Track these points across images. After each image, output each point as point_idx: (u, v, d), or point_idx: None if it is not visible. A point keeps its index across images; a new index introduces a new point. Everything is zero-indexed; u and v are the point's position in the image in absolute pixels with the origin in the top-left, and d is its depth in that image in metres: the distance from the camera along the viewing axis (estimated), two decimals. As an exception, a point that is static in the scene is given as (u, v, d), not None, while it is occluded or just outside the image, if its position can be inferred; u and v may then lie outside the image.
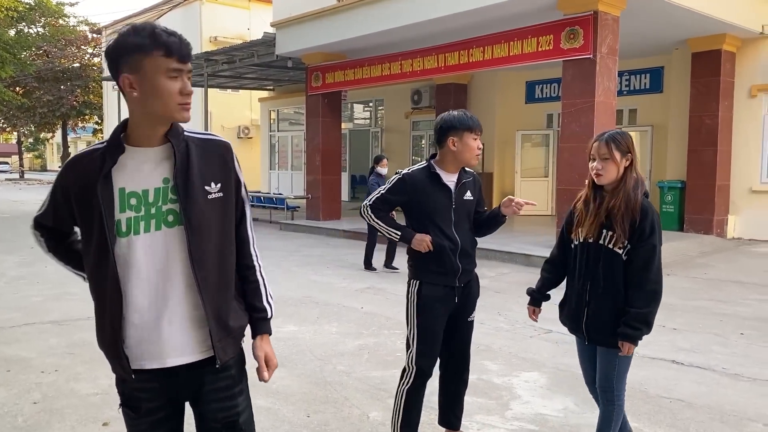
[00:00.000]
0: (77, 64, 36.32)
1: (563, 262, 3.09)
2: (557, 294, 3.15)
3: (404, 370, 3.21)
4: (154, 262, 1.75)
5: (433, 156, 3.24)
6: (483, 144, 3.32)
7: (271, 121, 23.54)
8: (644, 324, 2.77)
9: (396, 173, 3.25)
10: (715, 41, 11.62)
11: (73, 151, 46.00)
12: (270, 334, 1.97)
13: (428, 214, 3.13)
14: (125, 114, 1.79)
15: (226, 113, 25.84)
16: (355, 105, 20.83)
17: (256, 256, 1.98)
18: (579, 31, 9.35)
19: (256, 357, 1.93)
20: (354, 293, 7.44)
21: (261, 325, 1.95)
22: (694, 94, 12.13)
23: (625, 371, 2.93)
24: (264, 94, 23.74)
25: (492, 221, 3.29)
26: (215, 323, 1.80)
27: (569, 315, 3.04)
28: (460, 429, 3.44)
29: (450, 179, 3.17)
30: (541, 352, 5.19)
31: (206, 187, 1.78)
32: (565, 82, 9.75)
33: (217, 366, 1.83)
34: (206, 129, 18.06)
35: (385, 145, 19.25)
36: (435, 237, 3.10)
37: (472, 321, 3.33)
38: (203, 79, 17.52)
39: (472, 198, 3.25)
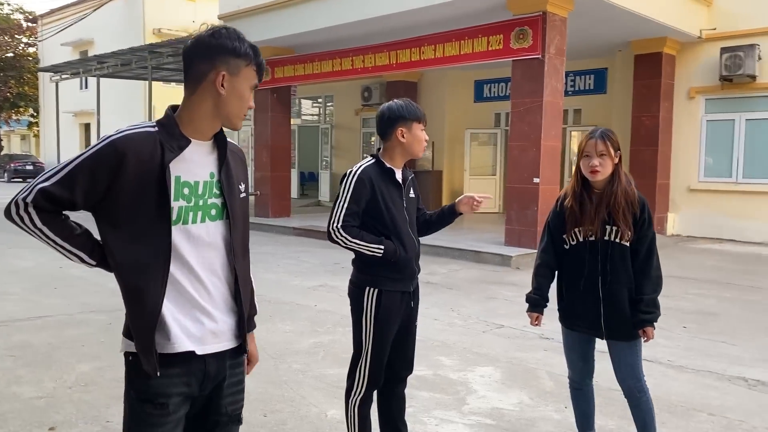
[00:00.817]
0: (11, 54, 34.84)
1: (556, 265, 3.13)
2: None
3: (353, 382, 2.99)
4: (197, 252, 1.80)
5: (377, 151, 3.03)
6: (432, 141, 3.16)
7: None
8: (655, 307, 2.92)
9: (346, 175, 2.92)
10: (656, 44, 12.02)
11: (6, 146, 44.08)
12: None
13: (387, 214, 2.90)
14: (66, 106, 1.72)
15: (170, 107, 25.26)
16: (303, 101, 20.67)
17: None
18: (528, 32, 9.51)
19: None
20: (307, 291, 7.37)
21: (251, 322, 2.02)
22: (636, 96, 12.52)
23: (642, 359, 3.06)
24: (209, 88, 23.27)
25: (444, 219, 3.15)
26: (244, 313, 1.89)
27: (582, 315, 3.05)
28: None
29: (399, 176, 2.98)
30: (494, 347, 5.26)
31: (239, 186, 1.91)
32: (515, 81, 9.91)
33: (245, 355, 1.95)
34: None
35: (335, 142, 19.19)
36: (394, 240, 2.89)
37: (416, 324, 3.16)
38: (147, 72, 17.07)
39: (414, 196, 3.10)
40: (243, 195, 1.93)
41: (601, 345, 3.13)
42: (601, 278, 2.95)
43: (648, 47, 12.14)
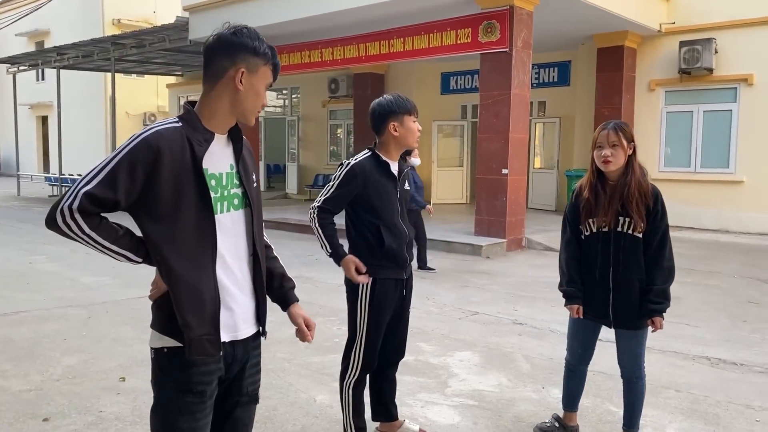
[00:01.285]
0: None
1: (581, 255, 3.17)
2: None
3: (348, 365, 3.13)
4: (226, 240, 1.88)
5: (374, 144, 3.14)
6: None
7: (180, 107, 22.77)
8: (665, 298, 3.00)
9: (342, 164, 3.07)
10: (618, 38, 12.36)
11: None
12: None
13: (379, 205, 3.02)
14: (21, 98, 1.76)
15: (131, 99, 24.83)
16: (269, 92, 20.52)
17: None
18: (496, 25, 9.70)
19: (297, 323, 2.11)
20: (283, 282, 7.43)
21: (293, 294, 2.16)
22: (599, 88, 12.86)
23: (645, 348, 3.19)
24: (172, 79, 22.99)
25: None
26: (263, 297, 2.00)
27: (592, 303, 3.14)
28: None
29: (394, 168, 3.11)
30: (471, 333, 5.43)
31: (252, 176, 2.01)
32: (483, 74, 10.09)
33: (264, 338, 2.04)
34: (112, 116, 17.30)
35: (302, 134, 19.17)
36: (385, 230, 3.02)
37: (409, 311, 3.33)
38: (110, 63, 16.78)
39: (408, 188, 3.26)
40: (255, 185, 2.02)
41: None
42: (612, 268, 3.03)
43: (610, 41, 12.48)
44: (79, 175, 20.65)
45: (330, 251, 3.07)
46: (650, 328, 3.08)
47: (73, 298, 6.51)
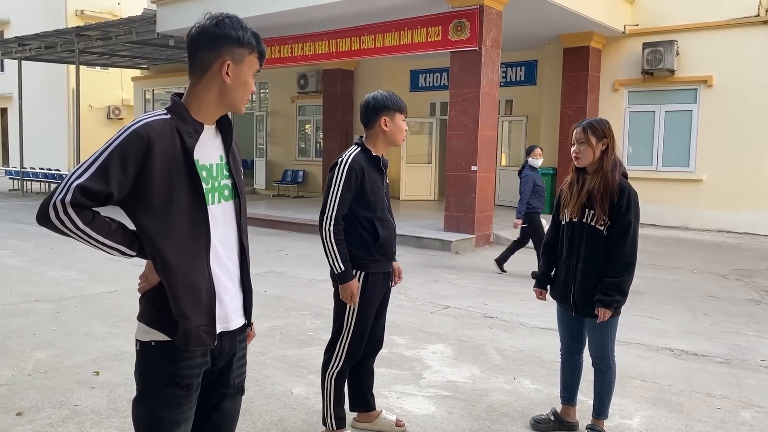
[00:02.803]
0: None
1: (557, 243, 3.36)
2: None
3: (331, 356, 3.18)
4: (218, 231, 1.88)
5: (360, 139, 3.20)
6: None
7: (146, 101, 22.48)
8: (617, 292, 3.09)
9: (337, 164, 3.06)
10: (583, 38, 12.61)
11: None
12: None
13: (372, 200, 3.07)
14: None
15: (94, 92, 24.33)
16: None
17: None
18: (466, 24, 9.82)
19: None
20: (255, 277, 7.34)
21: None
22: (564, 87, 13.11)
23: (614, 338, 3.26)
24: (137, 72, 22.62)
25: None
26: (249, 289, 2.01)
27: (558, 289, 3.33)
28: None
29: (382, 162, 3.18)
30: (443, 326, 5.52)
31: (240, 167, 2.02)
32: (453, 72, 10.20)
33: (250, 329, 2.06)
34: (75, 109, 16.96)
35: (271, 129, 19.07)
36: (378, 223, 3.08)
37: None
38: (74, 55, 16.45)
39: (388, 182, 3.32)
40: (242, 176, 2.06)
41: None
42: (575, 257, 3.20)
43: (576, 41, 12.72)
44: (42, 169, 20.12)
45: (341, 270, 3.02)
46: (597, 317, 3.15)
47: (41, 293, 6.41)
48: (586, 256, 3.17)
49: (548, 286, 3.46)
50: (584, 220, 3.17)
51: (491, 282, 7.47)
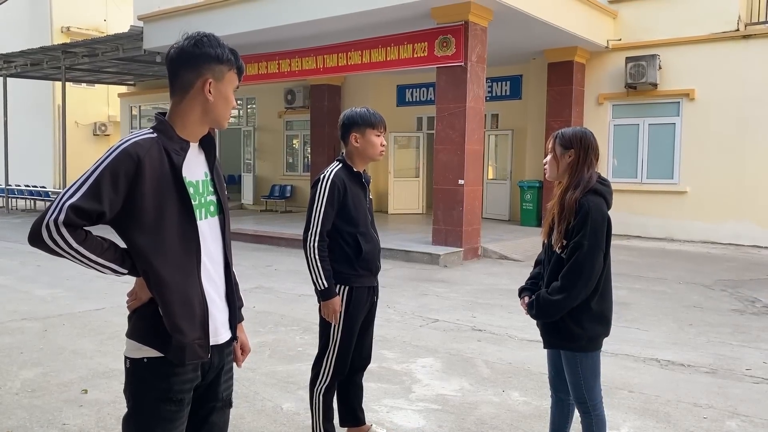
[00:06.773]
0: None
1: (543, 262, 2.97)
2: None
3: (319, 371, 3.19)
4: (206, 246, 1.93)
5: (341, 155, 3.22)
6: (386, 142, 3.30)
7: (133, 117, 22.45)
8: (540, 306, 2.72)
9: (319, 180, 3.08)
10: (567, 53, 12.78)
11: None
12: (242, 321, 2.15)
13: (355, 215, 3.09)
14: None
15: (80, 109, 24.20)
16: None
17: None
18: (451, 40, 9.93)
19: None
20: (243, 293, 7.40)
21: (240, 313, 2.12)
22: (549, 101, 13.26)
23: (591, 378, 2.73)
24: (123, 89, 22.59)
25: None
26: (234, 303, 2.04)
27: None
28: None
29: (364, 178, 3.22)
30: (432, 340, 5.55)
31: (224, 183, 2.08)
32: (439, 87, 10.30)
33: (235, 343, 2.07)
34: (61, 126, 16.90)
35: (258, 144, 19.09)
36: (361, 238, 3.10)
37: None
38: (60, 72, 16.43)
39: (371, 197, 3.37)
40: (226, 192, 2.09)
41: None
42: (545, 283, 2.81)
43: (560, 56, 12.89)
44: (27, 186, 19.94)
45: (324, 287, 3.03)
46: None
47: (28, 311, 6.37)
48: (548, 282, 2.76)
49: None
50: (551, 242, 2.78)
51: (480, 295, 7.51)
